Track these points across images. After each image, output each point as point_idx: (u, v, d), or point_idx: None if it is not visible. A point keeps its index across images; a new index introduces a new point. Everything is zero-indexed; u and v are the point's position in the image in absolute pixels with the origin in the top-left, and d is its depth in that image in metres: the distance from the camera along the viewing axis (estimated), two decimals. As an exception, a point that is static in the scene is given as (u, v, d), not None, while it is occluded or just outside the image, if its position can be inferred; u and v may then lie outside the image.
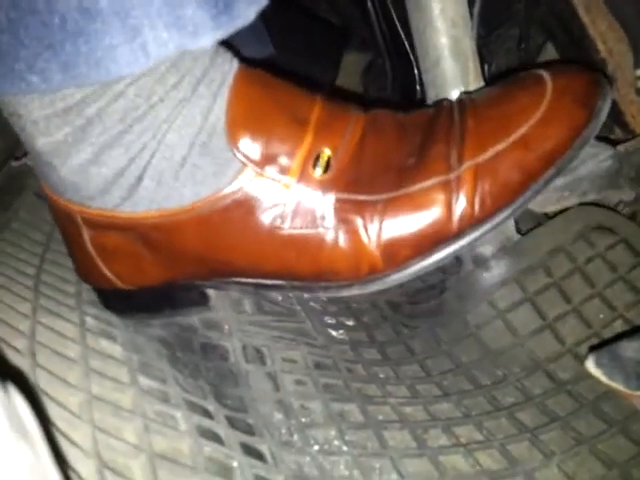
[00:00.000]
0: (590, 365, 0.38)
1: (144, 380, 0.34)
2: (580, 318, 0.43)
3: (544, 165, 0.35)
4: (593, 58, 0.49)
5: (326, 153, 0.35)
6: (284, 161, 0.34)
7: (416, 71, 0.59)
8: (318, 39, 0.67)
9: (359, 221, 0.35)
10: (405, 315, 0.49)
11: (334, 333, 0.45)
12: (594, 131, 0.36)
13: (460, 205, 0.34)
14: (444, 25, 0.44)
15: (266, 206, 0.34)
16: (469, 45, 0.45)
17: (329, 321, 0.46)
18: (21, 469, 0.18)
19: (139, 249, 0.36)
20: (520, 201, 0.35)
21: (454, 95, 0.44)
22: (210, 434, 0.33)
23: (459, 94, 0.44)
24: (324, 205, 0.35)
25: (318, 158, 0.35)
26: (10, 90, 0.30)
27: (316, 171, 0.35)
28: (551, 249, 0.45)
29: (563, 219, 0.47)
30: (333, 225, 0.35)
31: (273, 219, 0.35)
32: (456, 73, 0.45)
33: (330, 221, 0.35)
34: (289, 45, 0.58)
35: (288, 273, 0.36)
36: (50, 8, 0.27)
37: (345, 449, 0.35)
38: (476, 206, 0.35)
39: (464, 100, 0.39)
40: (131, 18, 0.28)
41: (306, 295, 0.47)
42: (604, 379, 0.38)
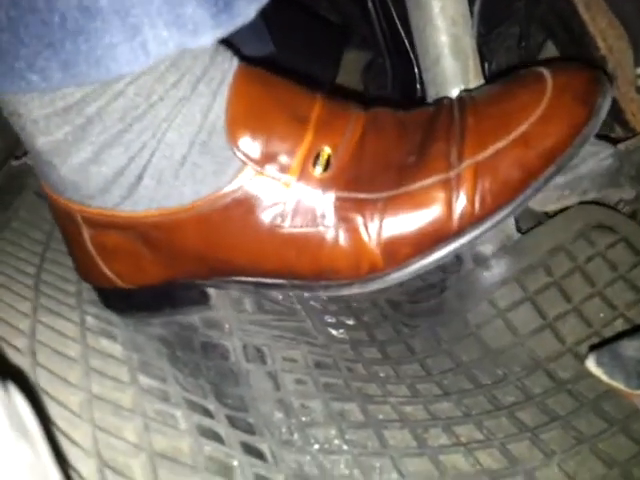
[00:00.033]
0: (591, 364, 0.38)
1: (144, 379, 0.34)
2: (580, 317, 0.43)
3: (544, 163, 0.35)
4: (593, 56, 0.49)
5: (326, 151, 0.35)
6: (284, 159, 0.34)
7: (416, 69, 0.59)
8: (318, 37, 0.67)
9: (359, 219, 0.35)
10: (405, 314, 0.49)
11: (334, 332, 0.45)
12: (594, 129, 0.36)
13: (460, 203, 0.34)
14: (444, 23, 0.44)
15: (266, 205, 0.34)
16: (469, 43, 0.45)
17: (329, 320, 0.46)
18: (21, 468, 0.18)
19: (139, 248, 0.36)
20: (520, 199, 0.35)
21: (454, 93, 0.44)
22: (210, 433, 0.33)
23: (459, 92, 0.44)
24: (324, 203, 0.35)
25: (318, 156, 0.35)
26: (10, 89, 0.30)
27: (316, 169, 0.35)
28: (551, 248, 0.45)
29: (563, 218, 0.47)
30: (333, 223, 0.35)
31: (273, 218, 0.35)
32: (456, 71, 0.45)
33: (330, 220, 0.35)
34: (289, 43, 0.58)
35: (288, 272, 0.36)
36: (50, 6, 0.27)
37: (345, 448, 0.35)
38: (476, 204, 0.34)
39: (464, 98, 0.39)
40: (131, 16, 0.28)
41: (306, 294, 0.47)
42: (605, 378, 0.37)
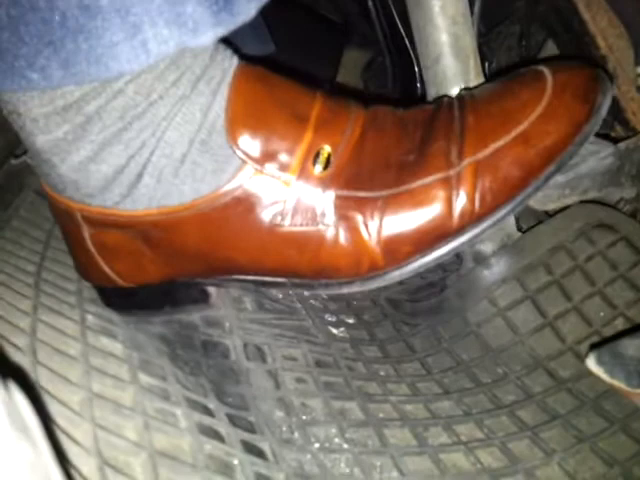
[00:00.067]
0: (591, 363, 0.38)
1: (145, 378, 0.34)
2: (581, 316, 0.43)
3: (544, 161, 0.35)
4: (594, 55, 0.49)
5: (326, 150, 0.35)
6: (284, 158, 0.34)
7: (416, 68, 0.59)
8: (318, 36, 0.67)
9: (359, 218, 0.35)
10: (405, 313, 0.49)
11: (334, 331, 0.45)
12: (595, 127, 0.36)
13: (460, 201, 0.34)
14: (444, 22, 0.44)
15: (266, 203, 0.34)
16: (470, 42, 0.45)
17: (329, 319, 0.46)
18: (22, 467, 0.18)
19: (139, 247, 0.36)
20: (520, 197, 0.35)
21: (455, 92, 0.44)
22: (211, 432, 0.33)
23: (459, 90, 0.44)
24: (324, 202, 0.35)
25: (318, 155, 0.35)
26: (10, 87, 0.30)
27: (316, 168, 0.35)
28: (552, 247, 0.45)
29: (564, 217, 0.46)
30: (333, 222, 0.35)
31: (273, 216, 0.35)
32: (457, 71, 0.45)
33: (330, 218, 0.35)
34: (289, 42, 0.58)
35: (289, 270, 0.36)
36: (51, 5, 0.27)
37: (346, 447, 0.35)
38: (476, 202, 0.34)
39: (464, 96, 0.39)
40: (131, 15, 0.28)
41: (306, 292, 0.47)
42: (605, 377, 0.37)
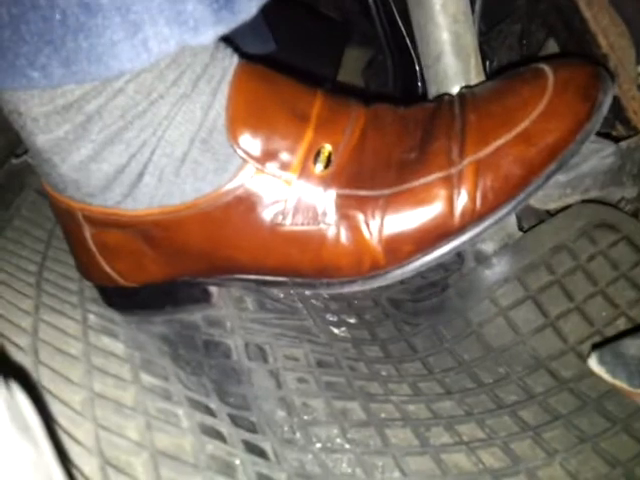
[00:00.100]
0: (593, 363, 0.38)
1: (146, 377, 0.34)
2: (582, 316, 0.43)
3: (546, 159, 0.35)
4: (595, 53, 0.49)
5: (327, 149, 0.35)
6: (285, 157, 0.34)
7: (417, 67, 0.59)
8: (319, 35, 0.67)
9: (361, 217, 0.35)
10: (407, 313, 0.49)
11: (336, 331, 0.45)
12: (596, 125, 0.35)
13: (462, 200, 0.34)
14: (445, 21, 0.44)
15: (267, 202, 0.34)
16: (471, 41, 0.45)
17: (331, 319, 0.46)
18: (24, 466, 0.18)
19: (141, 246, 0.36)
20: (522, 196, 0.35)
21: (455, 91, 0.44)
22: (212, 432, 0.33)
23: (460, 89, 0.44)
24: (325, 201, 0.35)
25: (319, 154, 0.35)
26: (11, 86, 0.30)
27: (317, 167, 0.35)
28: (553, 246, 0.45)
29: (565, 216, 0.46)
30: (335, 221, 0.35)
31: (274, 215, 0.35)
32: (457, 69, 0.45)
33: (332, 217, 0.35)
34: (290, 41, 0.58)
35: (290, 269, 0.36)
36: (51, 4, 0.27)
37: (347, 447, 0.35)
38: (478, 201, 0.34)
39: (465, 94, 0.39)
40: (132, 13, 0.27)
41: (308, 292, 0.47)
42: (607, 377, 0.37)
